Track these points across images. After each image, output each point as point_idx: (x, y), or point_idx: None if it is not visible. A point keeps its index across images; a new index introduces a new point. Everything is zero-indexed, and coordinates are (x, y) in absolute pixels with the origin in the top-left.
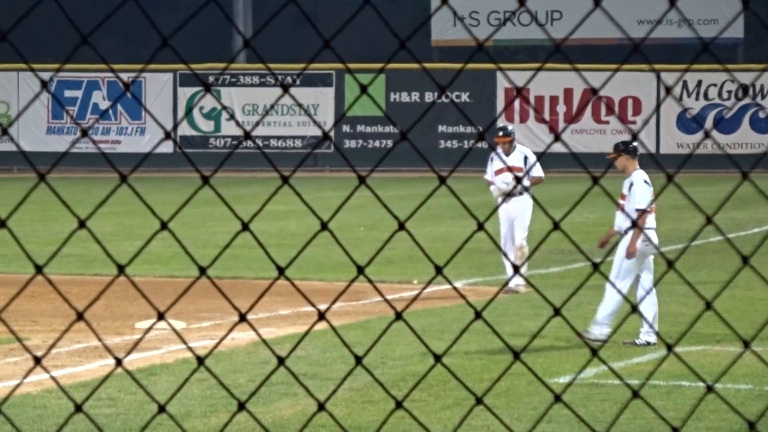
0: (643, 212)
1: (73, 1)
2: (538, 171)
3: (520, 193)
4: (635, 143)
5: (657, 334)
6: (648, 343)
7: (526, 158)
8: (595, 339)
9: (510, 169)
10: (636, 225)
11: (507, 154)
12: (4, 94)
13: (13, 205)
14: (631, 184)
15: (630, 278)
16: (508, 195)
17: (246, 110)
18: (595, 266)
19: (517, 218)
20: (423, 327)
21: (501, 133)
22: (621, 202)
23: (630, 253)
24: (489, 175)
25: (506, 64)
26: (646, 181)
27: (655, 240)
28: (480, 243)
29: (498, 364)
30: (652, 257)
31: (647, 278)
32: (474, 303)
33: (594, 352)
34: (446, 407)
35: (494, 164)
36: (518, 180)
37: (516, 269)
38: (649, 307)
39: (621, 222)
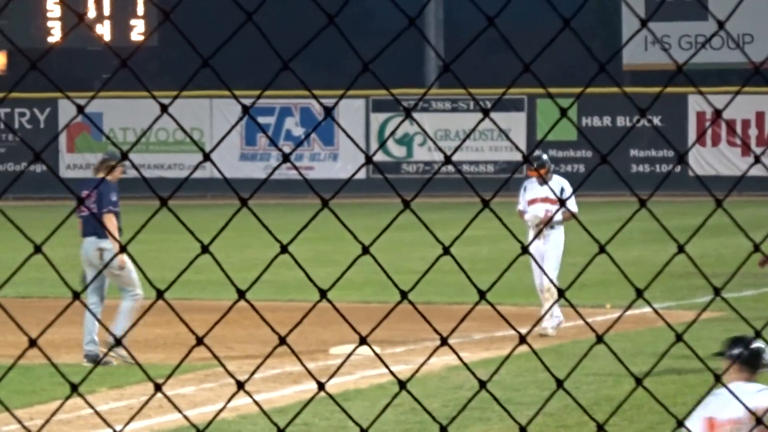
0: None
1: (266, 29)
2: (572, 205)
3: (552, 227)
4: None
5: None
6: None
7: (562, 190)
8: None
9: (545, 199)
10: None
11: (542, 185)
12: (198, 121)
13: (207, 231)
14: None
15: None
16: (539, 231)
17: (438, 135)
18: None
19: (547, 253)
20: (616, 351)
21: (535, 164)
22: None
23: None
24: (522, 206)
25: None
26: None
27: None
28: (672, 266)
29: (691, 389)
30: None
31: None
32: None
33: None
34: None
35: (527, 194)
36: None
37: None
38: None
39: None
